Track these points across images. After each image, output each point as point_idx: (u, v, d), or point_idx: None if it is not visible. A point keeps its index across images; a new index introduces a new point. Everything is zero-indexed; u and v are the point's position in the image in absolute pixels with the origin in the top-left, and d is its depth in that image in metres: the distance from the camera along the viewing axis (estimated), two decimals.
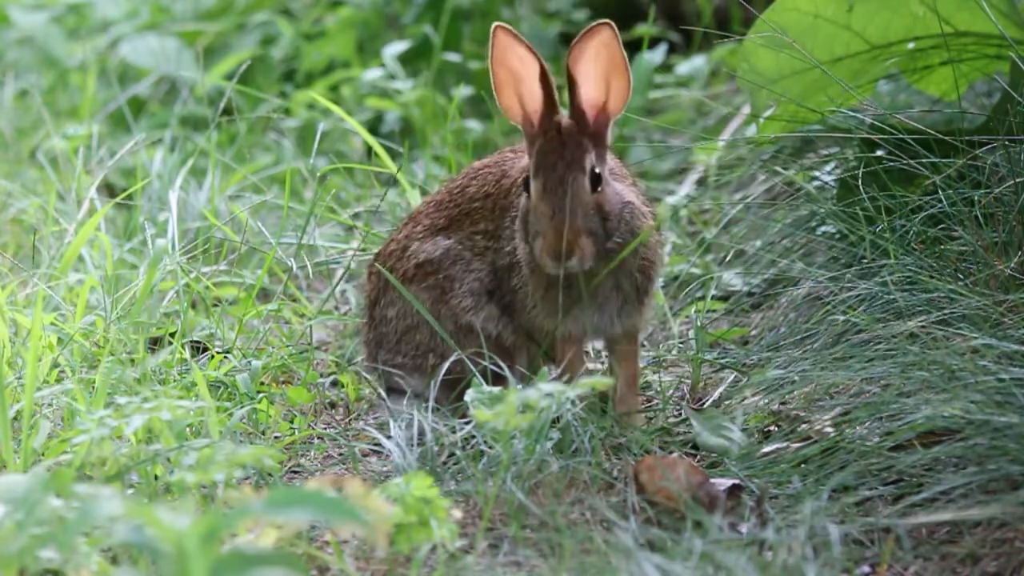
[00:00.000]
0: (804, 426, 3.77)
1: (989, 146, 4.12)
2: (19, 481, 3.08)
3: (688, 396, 4.12)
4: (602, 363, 4.21)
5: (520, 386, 3.56)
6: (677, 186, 5.53)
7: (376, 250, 4.15)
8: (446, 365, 3.77)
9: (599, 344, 4.12)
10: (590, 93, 3.74)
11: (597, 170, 3.71)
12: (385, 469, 3.75)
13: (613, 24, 3.71)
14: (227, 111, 5.80)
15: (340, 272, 4.86)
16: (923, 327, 3.71)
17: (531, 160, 3.74)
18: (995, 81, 4.51)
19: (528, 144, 3.77)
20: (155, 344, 4.30)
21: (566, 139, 3.72)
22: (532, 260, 3.77)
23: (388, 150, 4.91)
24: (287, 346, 4.39)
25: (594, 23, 3.72)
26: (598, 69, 3.73)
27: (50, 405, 3.85)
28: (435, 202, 4.03)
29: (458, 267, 3.93)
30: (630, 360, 3.91)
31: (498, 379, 3.78)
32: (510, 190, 3.90)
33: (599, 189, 3.71)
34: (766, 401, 3.92)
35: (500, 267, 3.89)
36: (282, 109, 6.12)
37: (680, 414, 3.95)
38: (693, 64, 6.28)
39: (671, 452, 3.79)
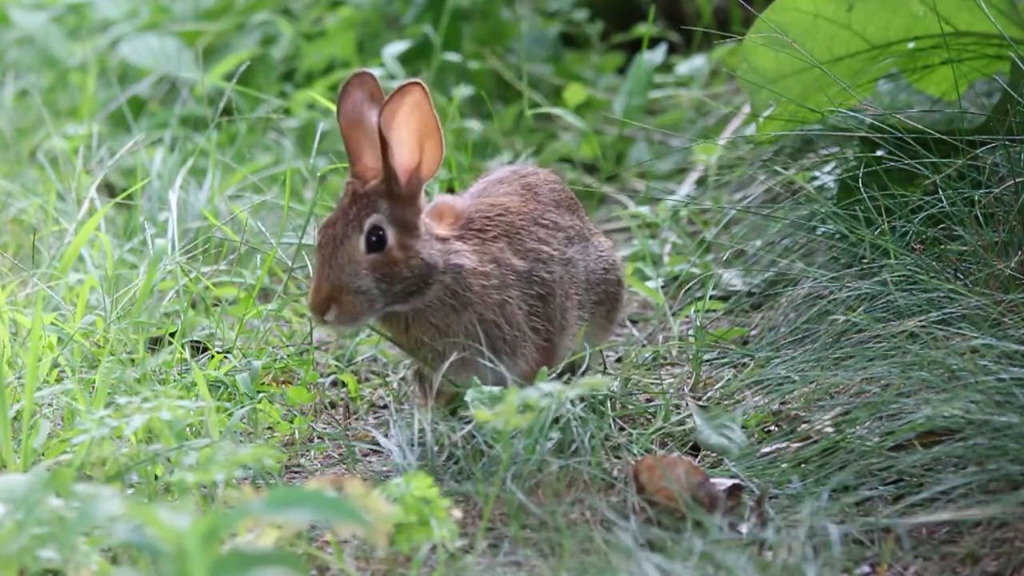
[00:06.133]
0: (804, 426, 3.77)
1: (989, 146, 4.12)
2: (19, 481, 3.08)
3: (688, 396, 4.12)
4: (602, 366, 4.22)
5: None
6: (677, 186, 5.53)
7: None
8: (445, 366, 3.77)
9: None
10: (404, 156, 3.73)
11: (382, 231, 3.70)
12: (385, 469, 3.75)
13: (424, 84, 3.69)
14: (227, 111, 5.80)
15: None
16: (923, 327, 3.71)
17: None
18: (995, 81, 4.51)
19: None
20: (155, 344, 4.30)
21: (357, 199, 3.72)
22: None
23: None
24: (287, 346, 4.39)
25: (405, 82, 3.68)
26: (411, 131, 3.71)
27: (50, 405, 3.85)
28: None
29: None
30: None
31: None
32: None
33: (383, 250, 3.70)
34: (766, 401, 3.92)
35: None
36: (282, 109, 6.12)
37: (680, 413, 3.95)
38: (693, 64, 6.28)
39: (671, 452, 3.79)
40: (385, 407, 4.16)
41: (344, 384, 4.28)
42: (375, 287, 3.70)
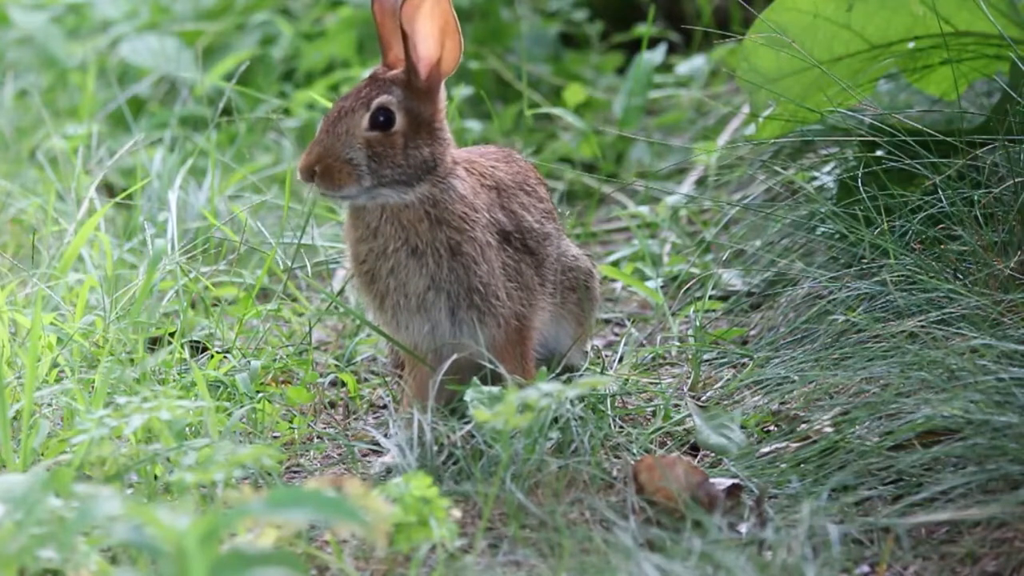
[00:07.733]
0: (804, 426, 3.77)
1: (989, 146, 4.12)
2: (19, 481, 3.08)
3: (688, 396, 4.12)
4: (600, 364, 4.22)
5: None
6: (677, 186, 5.53)
7: None
8: (447, 364, 3.76)
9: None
10: (427, 50, 3.77)
11: (390, 112, 3.75)
12: (384, 469, 3.75)
13: None
14: (227, 111, 5.80)
15: (339, 272, 4.87)
16: (923, 327, 3.71)
17: None
18: (995, 81, 4.51)
19: None
20: (155, 344, 4.30)
21: (374, 81, 3.79)
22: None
23: None
24: (287, 346, 4.39)
25: None
26: (433, 27, 3.76)
27: (50, 405, 3.85)
28: None
29: None
30: (509, 359, 3.85)
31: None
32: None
33: (387, 131, 3.74)
34: (766, 401, 3.92)
35: None
36: (282, 109, 6.12)
37: (680, 413, 3.95)
38: (693, 64, 6.28)
39: (671, 452, 3.79)
40: (385, 407, 4.16)
41: (344, 384, 4.28)
42: (365, 163, 3.74)
